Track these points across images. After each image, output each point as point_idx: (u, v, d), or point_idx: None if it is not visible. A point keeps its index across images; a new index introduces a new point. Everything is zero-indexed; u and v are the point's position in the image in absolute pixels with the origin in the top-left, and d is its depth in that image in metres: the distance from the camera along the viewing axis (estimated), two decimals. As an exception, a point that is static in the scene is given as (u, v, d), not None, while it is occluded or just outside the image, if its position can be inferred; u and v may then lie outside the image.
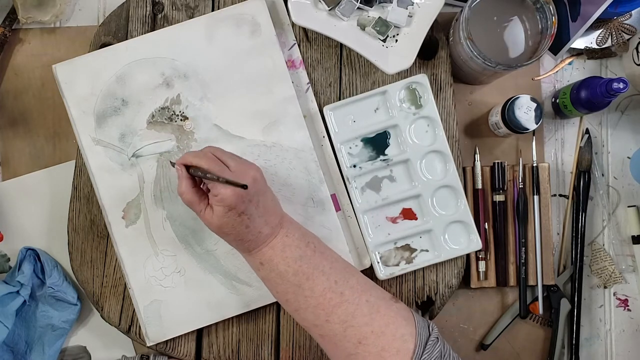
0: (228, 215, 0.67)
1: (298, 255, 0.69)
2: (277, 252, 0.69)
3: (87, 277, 0.82)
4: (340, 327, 0.68)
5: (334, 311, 0.68)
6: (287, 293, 0.70)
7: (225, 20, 0.81)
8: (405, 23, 0.80)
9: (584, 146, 0.87)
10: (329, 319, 0.68)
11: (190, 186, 0.69)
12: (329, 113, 0.81)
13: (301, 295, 0.69)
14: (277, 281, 0.70)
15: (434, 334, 0.68)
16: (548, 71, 0.89)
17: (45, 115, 0.87)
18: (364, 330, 0.67)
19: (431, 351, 0.66)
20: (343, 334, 0.68)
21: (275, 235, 0.70)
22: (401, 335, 0.67)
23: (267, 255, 0.70)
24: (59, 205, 0.84)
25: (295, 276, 0.69)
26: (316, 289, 0.68)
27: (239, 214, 0.67)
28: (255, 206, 0.68)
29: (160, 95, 0.81)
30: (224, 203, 0.66)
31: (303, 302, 0.69)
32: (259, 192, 0.69)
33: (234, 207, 0.66)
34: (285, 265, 0.69)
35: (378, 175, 0.82)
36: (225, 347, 0.82)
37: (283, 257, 0.69)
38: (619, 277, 0.87)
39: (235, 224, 0.67)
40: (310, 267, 0.69)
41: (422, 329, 0.68)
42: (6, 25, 0.85)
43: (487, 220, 0.85)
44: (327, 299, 0.68)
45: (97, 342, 0.86)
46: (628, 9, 0.84)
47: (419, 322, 0.69)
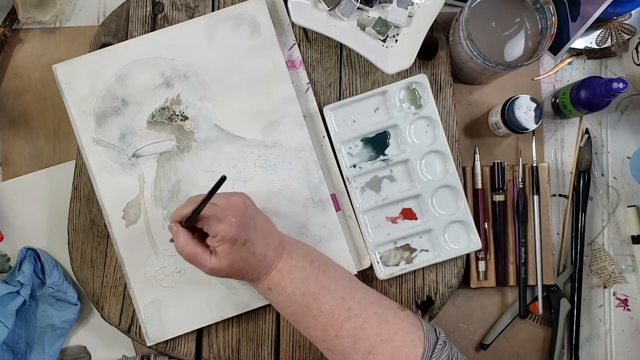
0: (234, 250, 0.67)
1: (304, 275, 0.70)
2: (285, 275, 0.70)
3: (87, 277, 0.82)
4: (350, 340, 0.68)
5: (342, 326, 0.68)
6: (296, 314, 0.71)
7: (225, 21, 0.81)
8: (405, 23, 0.80)
9: (584, 146, 0.87)
10: (338, 334, 0.69)
11: (189, 238, 0.69)
12: (329, 113, 0.81)
13: (310, 315, 0.69)
14: (286, 304, 0.71)
15: (441, 338, 0.69)
16: (548, 71, 0.89)
17: (45, 115, 0.87)
18: (373, 341, 0.68)
19: (439, 355, 0.66)
20: (352, 346, 0.68)
21: (279, 258, 0.71)
22: (410, 340, 0.67)
23: (275, 279, 0.70)
24: (59, 205, 0.84)
25: (303, 297, 0.69)
26: (324, 307, 0.69)
27: (243, 242, 0.67)
28: (254, 229, 0.69)
29: (160, 95, 0.81)
30: (225, 238, 0.66)
31: (312, 321, 0.70)
32: (253, 215, 0.69)
33: (236, 238, 0.66)
34: (293, 288, 0.70)
35: (378, 175, 0.82)
36: (225, 347, 0.82)
37: (290, 280, 0.70)
38: (619, 277, 0.87)
39: (243, 254, 0.68)
40: (317, 286, 0.70)
41: (430, 333, 0.68)
42: (6, 25, 0.85)
43: (486, 220, 0.85)
44: (336, 316, 0.69)
45: (97, 342, 0.86)
46: (628, 9, 0.84)
47: (426, 327, 0.69)
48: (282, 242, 0.72)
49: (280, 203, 0.80)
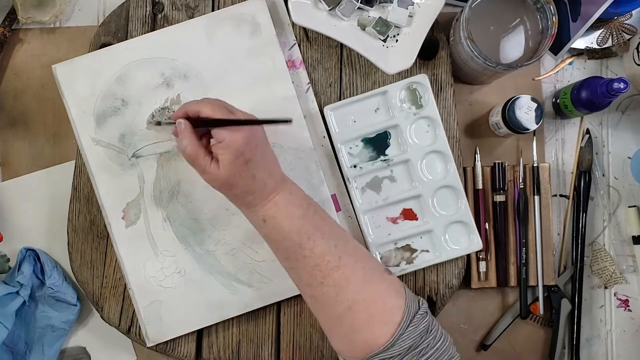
0: (235, 163, 0.65)
1: (301, 213, 0.69)
2: (281, 209, 0.69)
3: (87, 278, 0.82)
4: (334, 290, 0.67)
5: (330, 274, 0.67)
6: (287, 251, 0.69)
7: (226, 20, 0.81)
8: (405, 23, 0.80)
9: (585, 146, 0.87)
10: (324, 281, 0.68)
11: (194, 139, 0.67)
12: (329, 113, 0.81)
13: (301, 254, 0.68)
14: (279, 239, 0.69)
15: (422, 308, 0.68)
16: (548, 71, 0.89)
17: (45, 115, 0.86)
18: (356, 297, 0.67)
19: (417, 325, 0.66)
20: (335, 297, 0.67)
21: (278, 191, 0.69)
22: (391, 306, 0.67)
23: (270, 211, 0.69)
24: (58, 206, 0.84)
25: (297, 235, 0.68)
26: (316, 250, 0.68)
27: (246, 161, 0.66)
28: (261, 155, 0.67)
29: (160, 95, 0.81)
30: (231, 148, 0.65)
31: (301, 262, 0.69)
32: (262, 140, 0.68)
33: (241, 152, 0.65)
34: (288, 223, 0.68)
35: (378, 175, 0.82)
36: (225, 348, 0.82)
37: (286, 214, 0.68)
38: (620, 278, 0.87)
39: (243, 172, 0.66)
40: (312, 227, 0.68)
41: (412, 303, 0.68)
42: (6, 25, 0.85)
43: (487, 220, 0.85)
44: (325, 262, 0.67)
45: (96, 343, 0.86)
46: (628, 9, 0.83)
47: (409, 296, 0.68)
48: (284, 178, 0.71)
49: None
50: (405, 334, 0.65)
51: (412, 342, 0.65)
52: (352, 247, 0.70)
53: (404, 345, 0.64)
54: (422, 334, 0.65)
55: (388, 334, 0.65)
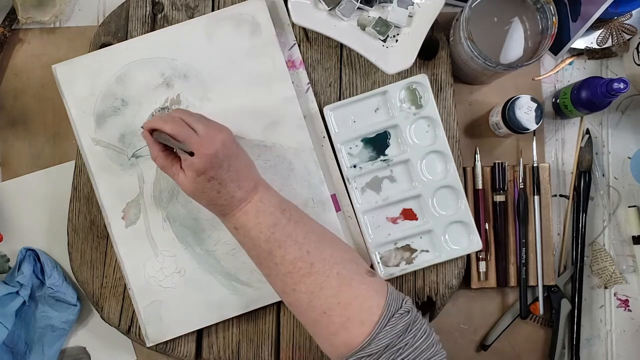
0: (197, 180, 0.67)
1: (272, 222, 0.69)
2: (251, 218, 0.70)
3: (87, 278, 0.82)
4: (307, 297, 0.68)
5: (302, 280, 0.68)
6: (259, 258, 0.71)
7: (225, 20, 0.81)
8: (405, 23, 0.80)
9: (585, 146, 0.87)
10: (296, 288, 0.68)
11: (160, 150, 0.70)
12: (329, 113, 0.81)
13: (272, 262, 0.69)
14: (250, 246, 0.71)
15: (404, 307, 0.68)
16: (548, 71, 0.89)
17: (45, 115, 0.86)
18: (330, 302, 0.67)
19: (395, 324, 0.66)
20: (309, 303, 0.68)
21: (249, 200, 0.70)
22: (369, 307, 0.67)
23: (240, 220, 0.70)
24: (58, 206, 0.84)
25: (267, 243, 0.69)
26: (287, 257, 0.69)
27: (209, 179, 0.67)
28: (226, 170, 0.68)
29: (160, 95, 0.81)
30: (192, 167, 0.67)
31: (273, 269, 0.70)
32: (229, 155, 0.69)
33: (202, 172, 0.67)
34: (258, 232, 0.69)
35: (378, 175, 0.82)
36: (225, 348, 0.82)
37: (256, 223, 0.69)
38: (620, 278, 0.87)
39: (205, 189, 0.68)
40: (283, 235, 0.69)
41: (393, 302, 0.68)
42: (6, 25, 0.85)
43: (487, 220, 0.85)
44: (297, 269, 0.68)
45: (96, 343, 0.86)
46: (628, 9, 0.83)
47: (391, 294, 0.68)
48: (257, 186, 0.71)
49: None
50: (382, 333, 0.65)
51: (389, 341, 0.65)
52: (328, 253, 0.70)
53: (380, 344, 0.65)
54: (399, 333, 0.65)
55: (364, 333, 0.65)
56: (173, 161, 0.70)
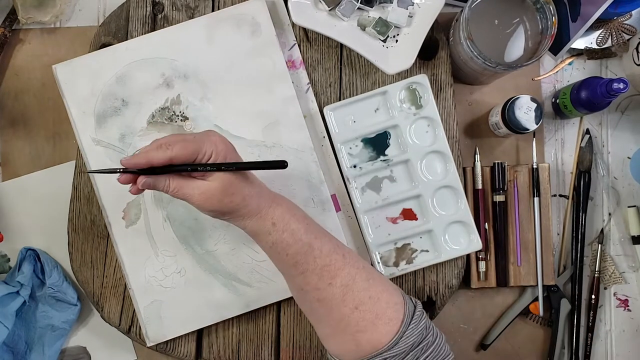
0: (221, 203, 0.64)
1: (302, 214, 0.68)
2: (286, 209, 0.67)
3: (87, 278, 0.82)
4: (341, 290, 0.66)
5: (338, 274, 0.66)
6: (297, 254, 0.67)
7: (226, 21, 0.81)
8: (405, 23, 0.80)
9: (585, 146, 0.87)
10: (332, 282, 0.66)
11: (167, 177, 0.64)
12: (329, 113, 0.81)
13: (311, 255, 0.67)
14: (289, 242, 0.66)
15: (419, 307, 0.68)
16: (548, 71, 0.89)
17: (45, 115, 0.86)
18: (362, 296, 0.66)
19: (418, 322, 0.66)
20: (342, 298, 0.66)
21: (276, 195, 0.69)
22: (394, 303, 0.66)
23: (277, 212, 0.66)
24: (59, 206, 0.84)
25: (307, 233, 0.67)
26: (324, 248, 0.67)
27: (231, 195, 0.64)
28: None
29: (161, 95, 0.81)
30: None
31: (312, 264, 0.67)
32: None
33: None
34: (297, 223, 0.67)
35: (378, 175, 0.82)
36: (225, 348, 0.82)
37: (293, 214, 0.67)
38: (619, 278, 0.87)
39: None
40: (315, 228, 0.68)
41: (409, 300, 0.68)
42: (6, 25, 0.85)
43: (487, 220, 0.85)
44: (334, 261, 0.67)
45: (97, 343, 0.86)
46: (628, 9, 0.84)
47: (402, 293, 0.69)
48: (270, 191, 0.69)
49: (281, 203, 0.80)
50: (408, 331, 0.65)
51: (415, 339, 0.64)
52: (347, 247, 0.70)
53: (408, 342, 0.64)
54: (422, 331, 0.65)
55: (392, 332, 0.65)
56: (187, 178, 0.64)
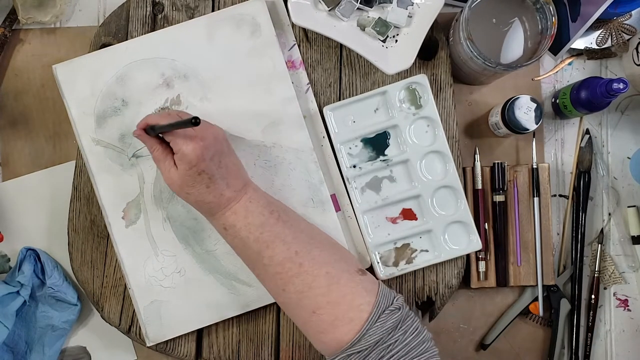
0: (188, 173, 0.68)
1: (260, 222, 0.70)
2: (240, 218, 0.70)
3: (87, 278, 0.82)
4: (296, 296, 0.69)
5: (291, 281, 0.69)
6: (249, 259, 0.71)
7: (226, 21, 0.81)
8: (405, 23, 0.80)
9: (585, 146, 0.87)
10: (285, 288, 0.69)
11: (156, 143, 0.70)
12: (328, 113, 0.81)
13: (260, 263, 0.70)
14: (240, 247, 0.71)
15: (395, 304, 0.68)
16: (548, 71, 0.89)
17: (45, 115, 0.87)
18: (319, 301, 0.68)
19: (385, 320, 0.66)
20: (298, 303, 0.69)
21: (238, 200, 0.71)
22: (358, 305, 0.67)
23: (230, 220, 0.70)
24: (59, 206, 0.84)
25: (256, 243, 0.69)
26: (275, 258, 0.69)
27: (199, 172, 0.68)
28: (217, 166, 0.69)
29: (161, 95, 0.81)
30: (184, 159, 0.67)
31: (262, 270, 0.70)
32: (221, 152, 0.70)
33: (194, 164, 0.67)
34: (247, 232, 0.70)
35: (378, 175, 0.82)
36: (225, 348, 0.82)
37: (245, 224, 0.70)
38: (619, 278, 0.87)
39: (195, 182, 0.68)
40: (272, 235, 0.70)
41: (383, 299, 0.68)
42: (6, 25, 0.85)
43: (487, 220, 0.85)
44: (286, 269, 0.69)
45: (97, 343, 0.86)
46: (628, 9, 0.84)
47: (382, 292, 0.69)
48: (246, 187, 0.72)
49: (280, 203, 0.80)
50: (372, 330, 0.66)
51: (379, 338, 0.65)
52: (317, 253, 0.70)
53: (370, 341, 0.65)
54: (389, 330, 0.66)
55: (354, 330, 0.66)
56: (167, 156, 0.70)
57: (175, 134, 0.68)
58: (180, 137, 0.67)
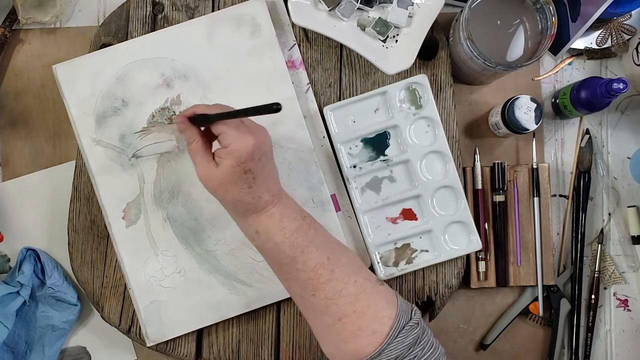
0: (234, 169, 0.65)
1: (295, 227, 0.69)
2: (275, 222, 0.68)
3: (87, 278, 0.82)
4: (325, 303, 0.68)
5: (322, 287, 0.68)
6: (280, 264, 0.70)
7: (226, 21, 0.81)
8: (405, 23, 0.80)
9: (585, 146, 0.87)
10: (315, 294, 0.68)
11: (198, 134, 0.68)
12: (329, 113, 0.81)
13: (294, 267, 0.68)
14: (273, 252, 0.69)
15: (414, 319, 0.68)
16: (548, 71, 0.89)
17: (45, 115, 0.87)
18: (346, 309, 0.67)
19: (406, 335, 0.66)
20: (325, 309, 0.68)
21: (274, 204, 0.69)
22: (381, 317, 0.67)
23: (264, 223, 0.69)
24: (59, 206, 0.84)
25: (290, 248, 0.68)
26: (309, 263, 0.68)
27: (246, 170, 0.65)
28: (262, 168, 0.67)
29: (161, 95, 0.81)
30: (234, 154, 0.64)
31: (294, 275, 0.69)
32: (267, 154, 0.68)
33: (243, 161, 0.65)
34: (282, 236, 0.68)
35: (378, 175, 0.82)
36: (225, 348, 0.82)
37: (280, 227, 0.68)
38: (619, 278, 0.87)
39: (239, 180, 0.66)
40: (306, 240, 0.69)
41: (403, 313, 0.68)
42: (6, 25, 0.85)
43: (487, 220, 0.85)
44: (318, 275, 0.68)
45: (97, 343, 0.86)
46: (628, 9, 0.84)
47: (401, 306, 0.69)
48: (280, 192, 0.71)
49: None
50: (393, 344, 0.65)
51: (399, 353, 0.65)
52: (345, 260, 0.70)
53: (390, 356, 0.65)
54: (409, 345, 0.66)
55: (375, 343, 0.66)
56: (208, 149, 0.68)
57: (229, 126, 0.65)
58: (234, 130, 0.65)
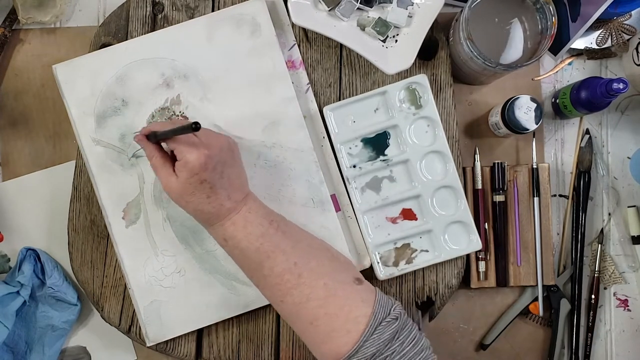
0: (189, 181, 0.67)
1: (260, 232, 0.70)
2: (239, 228, 0.70)
3: (87, 278, 0.82)
4: (294, 308, 0.69)
5: (289, 292, 0.69)
6: (248, 269, 0.71)
7: (225, 21, 0.81)
8: (405, 23, 0.80)
9: (585, 146, 0.87)
10: (284, 299, 0.69)
11: (156, 150, 0.70)
12: (328, 113, 0.81)
13: (260, 273, 0.70)
14: (240, 258, 0.71)
15: (392, 314, 0.68)
16: (548, 71, 0.89)
17: (45, 115, 0.87)
18: (316, 312, 0.68)
19: (382, 332, 0.66)
20: (296, 314, 0.69)
21: (237, 210, 0.70)
22: (355, 316, 0.67)
23: (229, 230, 0.70)
24: (59, 206, 0.84)
25: (256, 254, 0.69)
26: (275, 269, 0.69)
27: (201, 181, 0.67)
28: (219, 176, 0.68)
29: (160, 95, 0.81)
30: (187, 167, 0.66)
31: (262, 281, 0.70)
32: (225, 162, 0.69)
33: (196, 172, 0.66)
34: (247, 242, 0.69)
35: (378, 175, 0.82)
36: (225, 348, 0.82)
37: (245, 234, 0.69)
38: (619, 278, 0.87)
39: (196, 191, 0.67)
40: (272, 245, 0.69)
41: (381, 310, 0.68)
42: (6, 25, 0.85)
43: (487, 220, 0.85)
44: (285, 281, 0.69)
45: (97, 343, 0.86)
46: (628, 9, 0.84)
47: (379, 302, 0.69)
48: (246, 198, 0.71)
49: (280, 204, 0.80)
50: (369, 342, 0.66)
51: (376, 349, 0.66)
52: (316, 263, 0.71)
53: (367, 353, 0.66)
54: (386, 341, 0.66)
55: (351, 342, 0.66)
56: (166, 163, 0.69)
57: (179, 141, 0.67)
58: (184, 145, 0.67)
